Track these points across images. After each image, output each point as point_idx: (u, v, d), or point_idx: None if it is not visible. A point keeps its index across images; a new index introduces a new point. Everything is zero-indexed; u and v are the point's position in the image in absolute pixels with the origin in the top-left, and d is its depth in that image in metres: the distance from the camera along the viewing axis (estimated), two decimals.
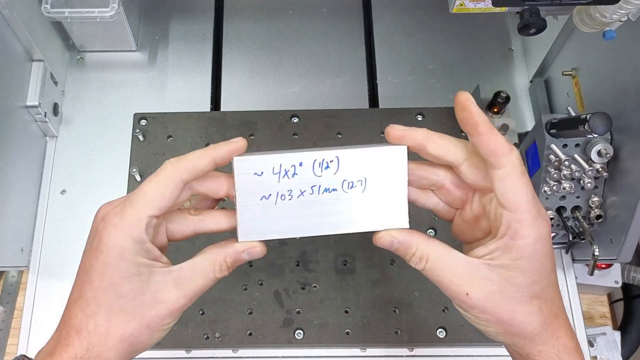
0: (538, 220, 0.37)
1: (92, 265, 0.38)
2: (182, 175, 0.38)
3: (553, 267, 0.39)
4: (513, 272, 0.38)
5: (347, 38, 0.87)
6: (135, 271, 0.38)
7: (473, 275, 0.38)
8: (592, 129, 0.56)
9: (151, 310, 0.38)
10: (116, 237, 0.37)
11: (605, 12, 0.52)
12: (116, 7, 0.74)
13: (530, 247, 0.38)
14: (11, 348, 0.72)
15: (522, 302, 0.39)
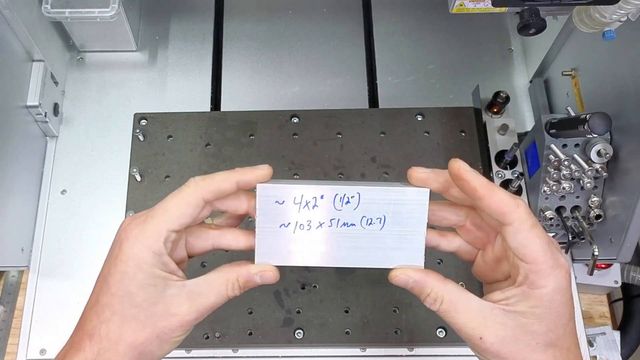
0: (556, 270, 0.38)
1: (111, 272, 0.40)
2: (204, 195, 0.40)
3: (571, 315, 0.39)
4: (529, 319, 0.38)
5: (347, 38, 0.87)
6: (151, 282, 0.39)
7: (488, 319, 0.39)
8: (592, 129, 0.56)
9: (163, 321, 0.39)
10: (136, 247, 0.39)
11: (605, 12, 0.52)
12: (116, 7, 0.74)
13: (548, 297, 0.38)
14: (11, 348, 0.72)
15: (536, 349, 0.39)
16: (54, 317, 0.70)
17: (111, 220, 0.74)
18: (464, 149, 0.72)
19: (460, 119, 0.74)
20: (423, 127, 0.74)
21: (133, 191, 0.71)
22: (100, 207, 0.75)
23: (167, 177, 0.71)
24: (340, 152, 0.72)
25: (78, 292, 0.71)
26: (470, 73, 0.84)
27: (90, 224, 0.75)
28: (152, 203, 0.70)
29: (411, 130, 0.73)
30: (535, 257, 0.38)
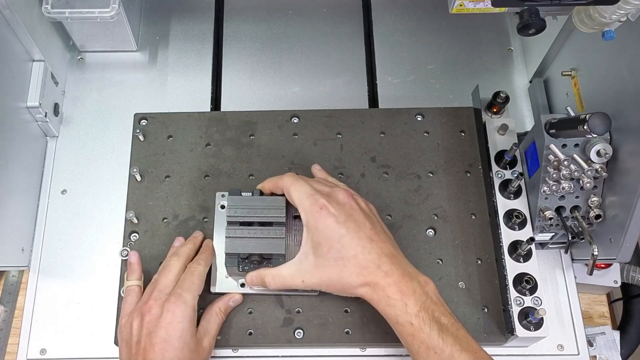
0: (312, 207, 0.58)
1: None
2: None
3: (343, 232, 0.56)
4: (314, 246, 0.58)
5: (347, 38, 0.87)
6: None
7: (299, 266, 0.59)
8: (591, 129, 0.56)
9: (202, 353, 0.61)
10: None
11: (605, 13, 0.52)
12: (116, 7, 0.74)
13: (312, 226, 0.58)
14: (12, 347, 0.72)
15: (330, 265, 0.57)
16: (54, 317, 0.70)
17: (111, 220, 0.74)
18: (463, 149, 0.72)
19: (460, 119, 0.74)
20: (423, 127, 0.74)
21: (133, 191, 0.71)
22: (100, 207, 0.75)
23: (167, 177, 0.71)
24: (340, 152, 0.72)
25: (78, 292, 0.71)
26: (470, 73, 0.84)
27: (90, 224, 0.75)
28: (152, 203, 0.71)
29: (411, 130, 0.73)
30: (297, 202, 0.59)
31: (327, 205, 0.57)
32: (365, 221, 0.58)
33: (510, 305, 0.64)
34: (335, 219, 0.57)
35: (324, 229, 0.57)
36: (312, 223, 0.58)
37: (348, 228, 0.57)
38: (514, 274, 0.65)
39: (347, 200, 0.59)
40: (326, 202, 0.58)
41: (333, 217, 0.57)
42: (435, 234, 0.69)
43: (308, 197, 0.58)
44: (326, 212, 0.57)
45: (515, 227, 0.67)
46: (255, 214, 0.64)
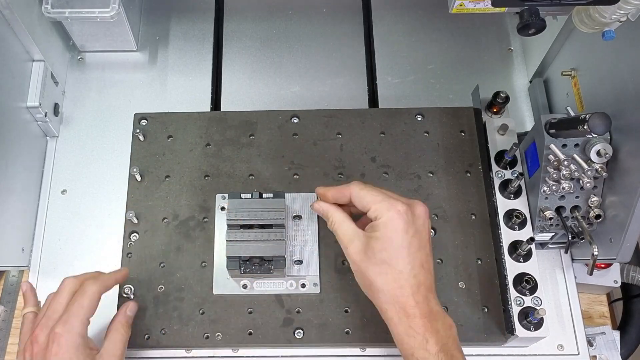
0: (390, 210, 0.55)
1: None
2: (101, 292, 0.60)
3: (404, 244, 0.55)
4: (371, 240, 0.56)
5: (347, 38, 0.87)
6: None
7: (354, 237, 0.57)
8: (592, 129, 0.56)
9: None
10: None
11: (605, 13, 0.52)
12: (116, 7, 0.74)
13: (382, 225, 0.55)
14: (12, 348, 0.72)
15: (375, 262, 0.55)
16: None
17: (111, 220, 0.74)
18: (463, 149, 0.72)
19: (460, 119, 0.74)
20: (423, 127, 0.74)
21: (133, 191, 0.71)
22: (100, 207, 0.75)
23: (167, 177, 0.71)
24: (340, 152, 0.72)
25: None
26: (470, 73, 0.84)
27: (90, 224, 0.75)
28: (152, 203, 0.71)
29: (411, 130, 0.73)
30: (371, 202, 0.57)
31: (406, 212, 0.56)
32: (427, 244, 0.57)
33: (510, 305, 0.64)
34: (406, 228, 0.55)
35: (391, 229, 0.55)
36: (385, 219, 0.55)
37: (411, 243, 0.55)
38: (514, 274, 0.65)
39: (423, 216, 0.57)
40: (407, 208, 0.56)
41: (405, 225, 0.55)
42: (435, 234, 0.69)
43: (385, 199, 0.56)
44: (402, 217, 0.55)
45: (515, 227, 0.67)
46: (255, 216, 0.64)
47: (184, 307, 0.66)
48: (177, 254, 0.68)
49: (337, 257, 0.67)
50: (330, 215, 0.60)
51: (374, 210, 0.56)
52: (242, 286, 0.66)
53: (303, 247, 0.68)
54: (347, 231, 0.58)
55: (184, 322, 0.65)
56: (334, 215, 0.60)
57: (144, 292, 0.66)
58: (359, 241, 0.57)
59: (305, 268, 0.67)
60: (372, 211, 0.57)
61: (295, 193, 0.70)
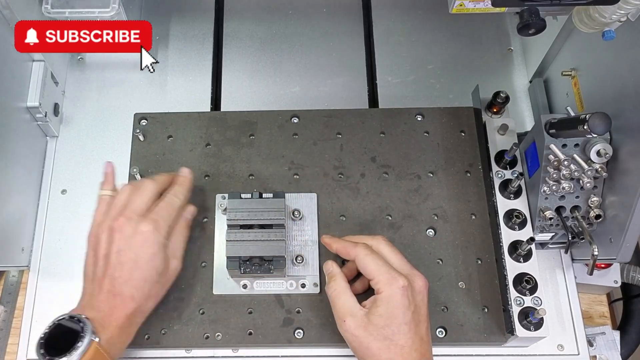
0: (392, 282, 0.57)
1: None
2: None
3: (407, 320, 0.56)
4: (373, 315, 0.56)
5: (347, 38, 0.87)
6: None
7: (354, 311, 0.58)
8: (592, 129, 0.56)
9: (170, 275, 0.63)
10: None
11: (605, 13, 0.52)
12: (116, 7, 0.74)
13: (384, 300, 0.56)
14: (12, 347, 0.72)
15: (376, 338, 0.56)
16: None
17: None
18: (463, 149, 0.72)
19: (460, 119, 0.74)
20: (423, 127, 0.74)
21: None
22: None
23: None
24: (340, 152, 0.72)
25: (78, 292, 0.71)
26: (470, 73, 0.84)
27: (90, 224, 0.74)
28: None
29: (411, 130, 0.73)
30: (374, 274, 0.58)
31: (408, 288, 0.57)
32: (426, 318, 0.59)
33: (510, 305, 0.64)
34: (407, 304, 0.56)
35: (394, 306, 0.56)
36: (386, 295, 0.57)
37: (413, 319, 0.57)
38: (514, 274, 0.65)
39: (423, 291, 0.59)
40: (408, 283, 0.57)
41: (407, 301, 0.56)
42: (435, 234, 0.69)
43: (388, 272, 0.58)
44: (404, 293, 0.57)
45: (515, 227, 0.67)
46: (255, 216, 0.64)
47: (184, 307, 0.66)
48: None
49: (337, 257, 0.67)
50: (334, 281, 0.60)
51: (376, 282, 0.58)
52: (242, 286, 0.66)
53: (303, 247, 0.68)
54: (346, 304, 0.58)
55: (184, 322, 0.65)
56: (337, 281, 0.60)
57: None
58: (358, 317, 0.57)
59: (305, 268, 0.67)
60: (374, 283, 0.58)
61: (295, 193, 0.70)
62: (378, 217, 0.69)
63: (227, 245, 0.63)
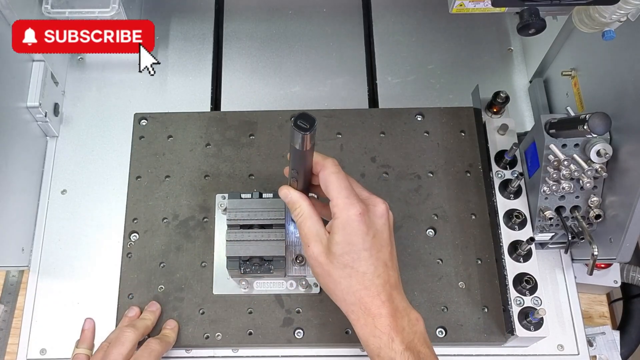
0: (349, 207, 0.53)
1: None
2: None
3: (366, 246, 0.53)
4: (331, 242, 0.54)
5: (347, 38, 0.87)
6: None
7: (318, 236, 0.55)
8: (592, 129, 0.56)
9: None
10: None
11: (605, 13, 0.52)
12: (116, 7, 0.74)
13: (340, 225, 0.53)
14: (11, 348, 0.72)
15: (337, 267, 0.54)
16: (54, 317, 0.70)
17: (111, 220, 0.74)
18: (463, 149, 0.72)
19: (460, 119, 0.74)
20: (423, 127, 0.74)
21: (133, 191, 0.71)
22: (100, 207, 0.75)
23: (167, 177, 0.71)
24: (340, 152, 0.72)
25: (78, 292, 0.71)
26: (470, 73, 0.84)
27: (90, 224, 0.75)
28: (152, 203, 0.71)
29: (411, 130, 0.73)
30: (333, 195, 0.54)
31: (365, 213, 0.54)
32: (389, 242, 0.56)
33: (510, 305, 0.64)
34: (366, 230, 0.54)
35: (351, 233, 0.53)
36: (342, 221, 0.54)
37: (373, 244, 0.54)
38: (514, 274, 0.65)
39: (383, 215, 0.56)
40: (364, 209, 0.54)
41: (365, 227, 0.54)
42: (435, 234, 0.69)
43: (348, 197, 0.54)
44: (361, 219, 0.53)
45: (515, 227, 0.67)
46: (255, 216, 0.64)
47: (184, 307, 0.66)
48: (177, 254, 0.68)
49: None
50: (298, 206, 0.57)
51: (333, 205, 0.54)
52: (242, 286, 0.66)
53: (303, 247, 0.67)
54: (311, 229, 0.56)
55: (184, 322, 0.65)
56: (301, 207, 0.57)
57: (144, 291, 0.66)
58: (322, 243, 0.55)
59: (305, 268, 0.67)
60: (332, 205, 0.55)
61: None
62: None
63: (227, 245, 0.63)
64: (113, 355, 0.60)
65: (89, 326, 0.68)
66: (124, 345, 0.60)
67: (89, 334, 0.67)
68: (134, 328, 0.62)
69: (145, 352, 0.61)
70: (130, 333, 0.61)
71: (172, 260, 0.68)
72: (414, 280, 0.67)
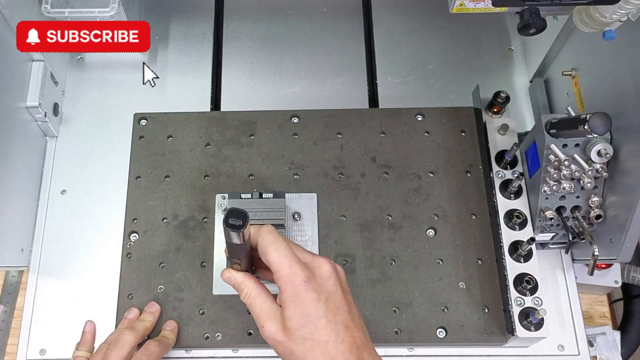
0: (292, 277, 0.50)
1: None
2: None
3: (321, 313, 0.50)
4: (285, 318, 0.50)
5: (347, 38, 0.87)
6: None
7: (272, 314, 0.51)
8: (592, 129, 0.56)
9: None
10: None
11: (605, 12, 0.52)
12: (116, 7, 0.74)
13: (289, 299, 0.50)
14: (11, 348, 0.72)
15: (296, 342, 0.50)
16: (54, 317, 0.70)
17: (111, 220, 0.74)
18: (464, 149, 0.72)
19: (460, 119, 0.74)
20: (423, 127, 0.74)
21: (133, 191, 0.71)
22: (100, 207, 0.75)
23: (167, 177, 0.71)
24: (340, 152, 0.72)
25: (78, 292, 0.71)
26: (470, 73, 0.84)
27: (90, 224, 0.75)
28: (152, 203, 0.71)
29: (411, 130, 0.73)
30: (275, 267, 0.51)
31: (311, 280, 0.51)
32: (345, 303, 0.52)
33: (511, 306, 0.64)
34: (317, 297, 0.50)
35: (302, 304, 0.50)
36: (290, 294, 0.51)
37: (327, 309, 0.50)
38: (515, 274, 0.65)
39: (331, 276, 0.52)
40: (310, 275, 0.51)
41: (315, 294, 0.50)
42: (435, 234, 0.69)
43: (290, 265, 0.51)
44: (308, 287, 0.50)
45: (515, 227, 0.67)
46: (255, 216, 0.64)
47: (184, 308, 0.66)
48: (177, 254, 0.68)
49: (337, 257, 0.67)
50: (244, 287, 0.54)
51: (277, 278, 0.51)
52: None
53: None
54: (262, 308, 0.52)
55: (183, 322, 0.65)
56: (247, 287, 0.54)
57: (143, 292, 0.66)
58: (276, 320, 0.51)
59: None
60: (276, 278, 0.51)
61: (296, 193, 0.70)
62: (378, 217, 0.69)
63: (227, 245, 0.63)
64: (112, 357, 0.59)
65: (90, 329, 0.68)
66: (123, 348, 0.60)
67: (90, 336, 0.67)
68: (133, 330, 0.62)
69: (145, 355, 0.60)
70: (130, 335, 0.61)
71: (172, 260, 0.68)
72: (414, 280, 0.67)
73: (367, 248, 0.68)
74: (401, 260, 0.67)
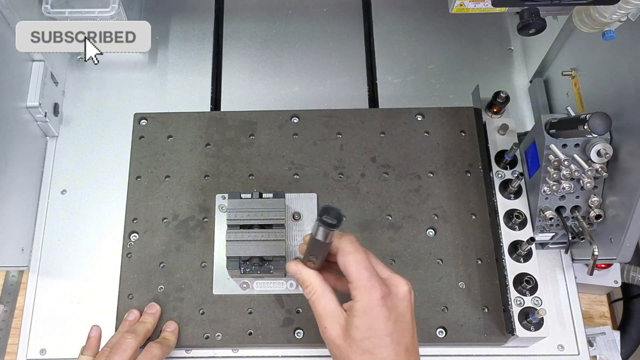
0: (371, 290, 0.50)
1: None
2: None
3: (388, 332, 0.49)
4: (351, 326, 0.50)
5: (347, 38, 0.87)
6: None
7: (335, 317, 0.51)
8: (592, 129, 0.56)
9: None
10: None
11: (605, 13, 0.52)
12: (116, 7, 0.74)
13: (362, 310, 0.50)
14: (11, 348, 0.72)
15: (356, 351, 0.50)
16: (54, 317, 0.70)
17: (111, 220, 0.74)
18: (463, 149, 0.72)
19: (460, 119, 0.74)
20: (423, 127, 0.74)
21: (133, 191, 0.71)
22: (100, 207, 0.75)
23: (167, 177, 0.71)
24: (340, 152, 0.72)
25: (78, 292, 0.71)
26: (470, 73, 0.84)
27: (90, 224, 0.75)
28: (152, 203, 0.71)
29: (411, 130, 0.73)
30: (354, 277, 0.50)
31: (387, 297, 0.51)
32: (411, 327, 0.52)
33: (511, 306, 0.64)
34: (388, 315, 0.50)
35: (372, 318, 0.50)
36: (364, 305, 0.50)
37: (395, 329, 0.50)
38: (514, 274, 0.65)
39: (406, 297, 0.52)
40: (387, 292, 0.51)
41: (387, 312, 0.50)
42: (435, 234, 0.69)
43: (370, 278, 0.51)
44: (384, 303, 0.50)
45: (515, 227, 0.67)
46: (255, 216, 0.64)
47: (184, 307, 0.66)
48: (177, 254, 0.68)
49: None
50: (309, 284, 0.53)
51: (353, 287, 0.51)
52: (242, 286, 0.66)
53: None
54: (326, 308, 0.52)
55: (183, 322, 0.65)
56: (313, 284, 0.53)
57: (143, 292, 0.66)
58: (339, 323, 0.51)
59: None
60: (352, 288, 0.51)
61: (295, 193, 0.70)
62: (378, 217, 0.69)
63: (227, 245, 0.63)
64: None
65: (96, 333, 0.67)
66: (126, 352, 0.60)
67: (95, 341, 0.66)
68: (135, 334, 0.62)
69: (147, 357, 0.61)
70: (132, 339, 0.61)
71: (172, 260, 0.68)
72: (414, 280, 0.67)
73: (367, 248, 0.67)
74: (401, 260, 0.67)
